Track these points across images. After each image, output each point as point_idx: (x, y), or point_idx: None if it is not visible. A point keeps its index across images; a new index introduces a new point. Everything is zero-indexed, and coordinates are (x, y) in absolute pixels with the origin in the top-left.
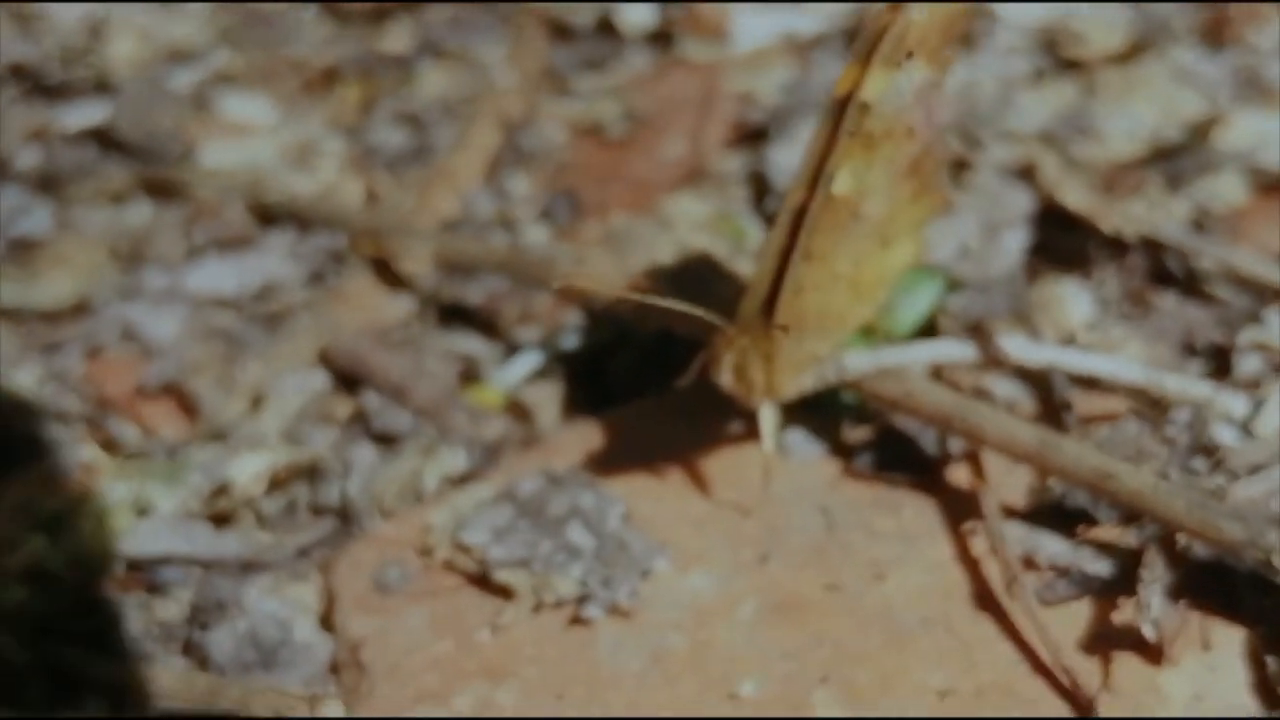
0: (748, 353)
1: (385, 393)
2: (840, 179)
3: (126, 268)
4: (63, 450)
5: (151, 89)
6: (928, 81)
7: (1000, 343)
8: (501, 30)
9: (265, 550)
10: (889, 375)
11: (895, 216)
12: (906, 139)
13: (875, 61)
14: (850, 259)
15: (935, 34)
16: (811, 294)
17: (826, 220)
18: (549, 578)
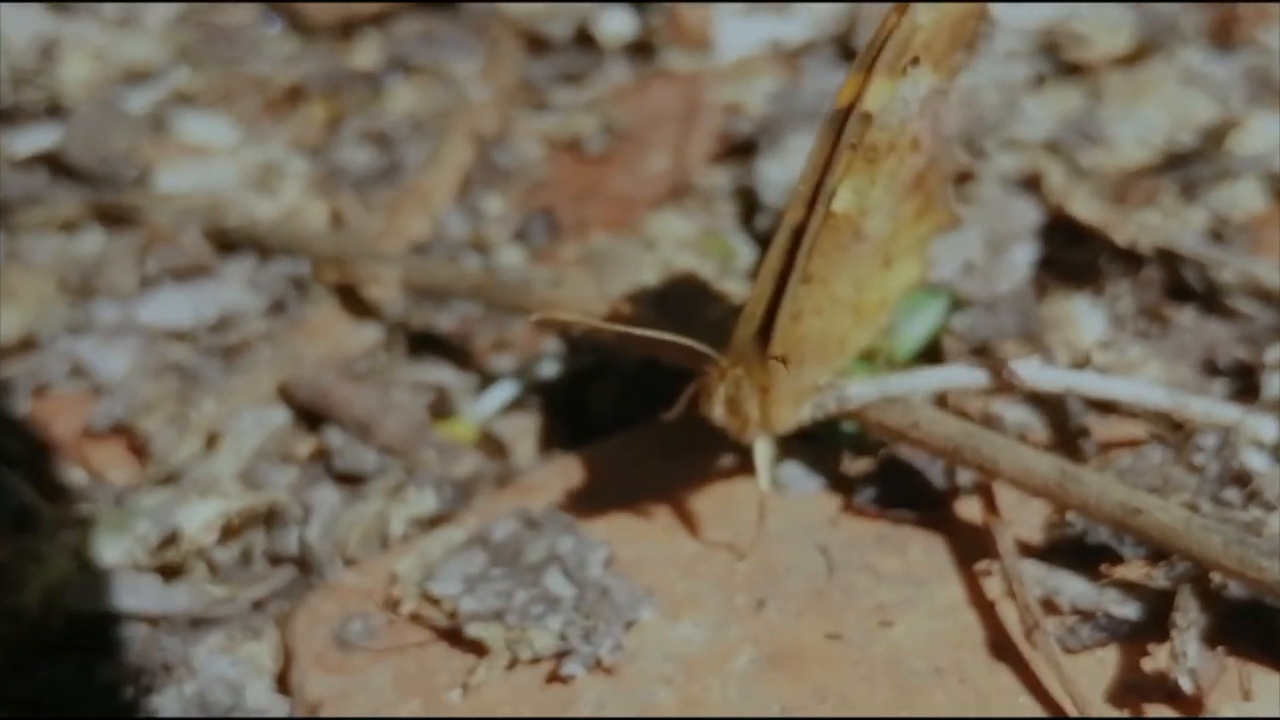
0: (742, 384)
1: (349, 429)
2: (841, 196)
3: (76, 300)
4: (2, 496)
5: (105, 111)
6: (934, 90)
7: (1012, 366)
8: (475, 44)
9: (217, 604)
10: (894, 404)
11: (899, 235)
12: (911, 152)
13: (879, 69)
14: (851, 281)
15: (942, 38)
16: (810, 319)
17: (826, 240)
18: (525, 631)
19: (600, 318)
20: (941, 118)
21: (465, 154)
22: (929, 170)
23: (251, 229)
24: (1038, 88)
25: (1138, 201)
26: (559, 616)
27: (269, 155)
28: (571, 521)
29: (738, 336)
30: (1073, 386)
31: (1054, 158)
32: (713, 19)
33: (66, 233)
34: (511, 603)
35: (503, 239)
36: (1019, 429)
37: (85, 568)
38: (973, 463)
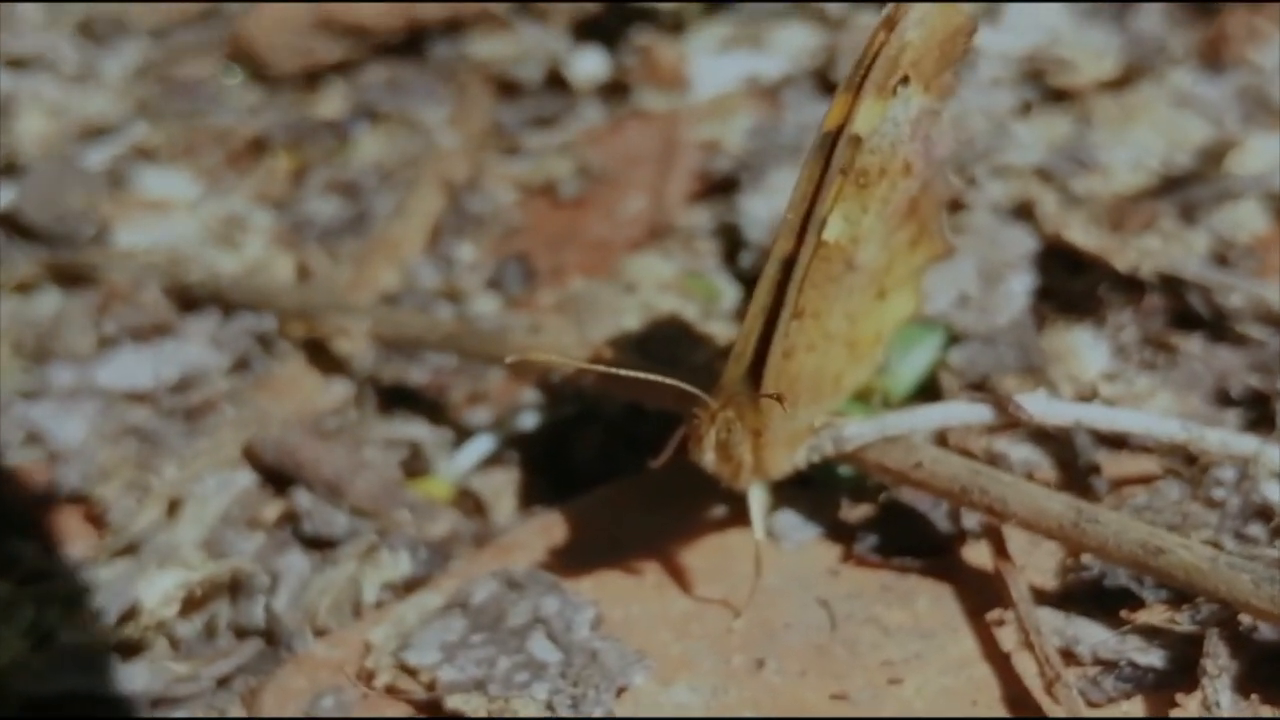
0: (733, 427)
1: (318, 491)
2: (833, 224)
3: (31, 364)
4: None
5: (61, 168)
6: (925, 111)
7: (1018, 400)
8: (443, 90)
9: (179, 683)
10: (895, 444)
11: (893, 265)
12: (903, 176)
13: (867, 89)
14: (844, 314)
15: (931, 56)
16: (803, 356)
17: (818, 272)
18: (509, 701)
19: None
20: (934, 140)
21: (435, 202)
22: (922, 196)
23: (214, 284)
24: (1025, 115)
25: (1136, 227)
26: (545, 684)
27: (232, 208)
28: (555, 581)
29: (727, 377)
30: (1082, 420)
31: (1046, 185)
32: (688, 57)
33: (21, 294)
34: (494, 671)
35: (476, 287)
36: (1025, 467)
37: (40, 647)
38: (980, 504)
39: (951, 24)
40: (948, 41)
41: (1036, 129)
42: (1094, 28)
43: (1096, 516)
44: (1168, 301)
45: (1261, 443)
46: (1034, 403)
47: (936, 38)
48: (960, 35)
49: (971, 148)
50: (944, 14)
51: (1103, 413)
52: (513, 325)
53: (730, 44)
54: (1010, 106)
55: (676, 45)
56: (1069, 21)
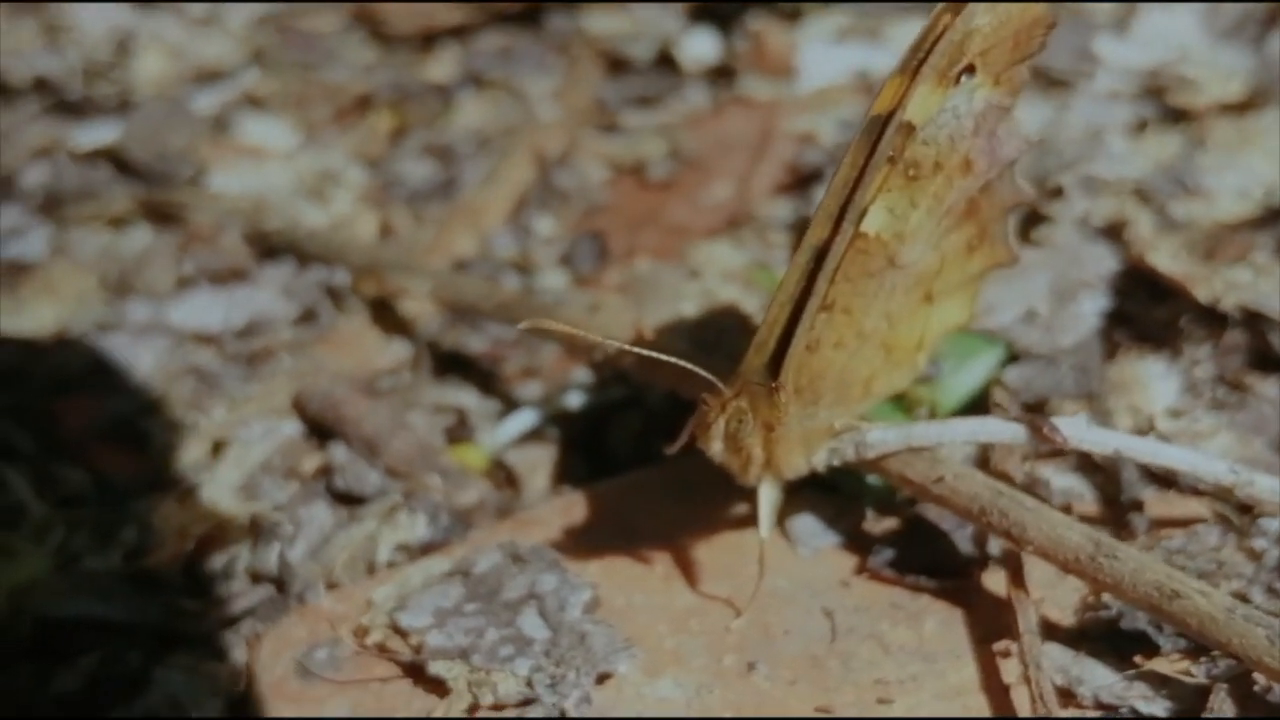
0: (744, 418)
1: (356, 447)
2: (874, 216)
3: (113, 297)
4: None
5: (168, 108)
6: (992, 105)
7: (1056, 423)
8: (554, 62)
9: (189, 619)
10: (919, 456)
11: (945, 268)
12: (962, 174)
13: (925, 74)
14: (883, 314)
15: (1004, 46)
16: (829, 353)
17: (854, 265)
18: (490, 674)
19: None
20: (1001, 139)
21: (525, 173)
22: (984, 198)
23: (291, 234)
24: (1138, 131)
25: (1229, 257)
26: (528, 660)
27: (327, 162)
28: (558, 559)
29: (746, 365)
30: (1122, 451)
31: (1144, 205)
32: (798, 46)
33: (115, 229)
34: (481, 641)
35: (549, 261)
36: (1066, 497)
37: (62, 570)
38: (999, 527)
39: (1029, 14)
40: (1023, 33)
41: (1145, 146)
42: (1227, 48)
43: (1115, 552)
44: (1249, 339)
45: None
46: (1072, 428)
47: (1010, 27)
48: (1037, 27)
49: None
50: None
51: (1146, 446)
52: (570, 301)
53: (845, 35)
54: (1124, 121)
55: (789, 33)
56: (1203, 39)
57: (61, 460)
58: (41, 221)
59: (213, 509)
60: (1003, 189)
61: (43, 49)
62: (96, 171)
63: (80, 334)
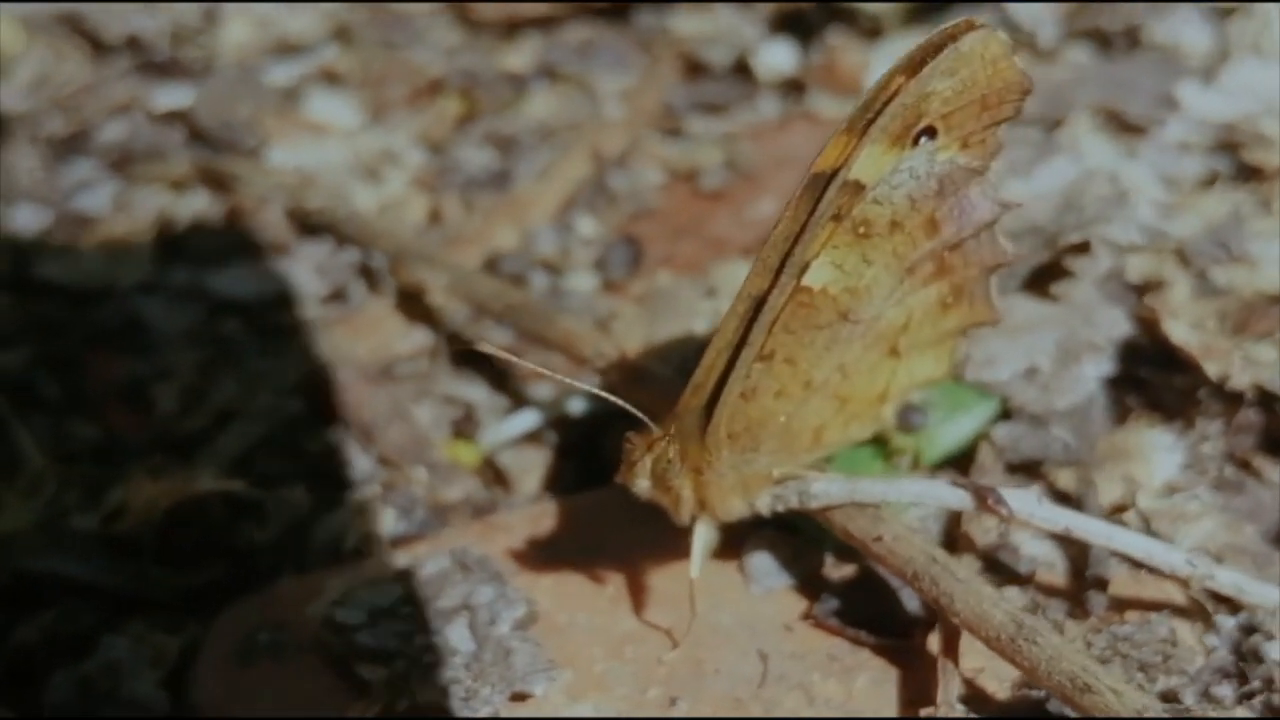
0: (671, 459)
1: (352, 432)
2: (818, 270)
3: (161, 258)
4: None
5: (241, 78)
6: (959, 168)
7: (1003, 494)
8: (634, 60)
9: (152, 586)
10: (862, 511)
11: (914, 324)
12: (927, 234)
13: (873, 135)
14: (834, 366)
15: (970, 110)
16: (769, 401)
17: (796, 318)
18: (409, 680)
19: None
20: (972, 201)
21: (581, 170)
22: (956, 257)
23: (331, 214)
24: (1205, 186)
25: (1258, 331)
26: (446, 671)
27: (388, 143)
28: (501, 571)
29: (682, 405)
30: (1073, 530)
31: (1183, 267)
32: (871, 65)
33: (175, 191)
34: (407, 646)
35: (584, 263)
36: (1034, 564)
37: (45, 526)
38: (929, 594)
39: (1000, 79)
40: (992, 97)
41: (1202, 203)
42: None
43: (1036, 636)
44: (1265, 420)
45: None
46: (1021, 501)
47: (976, 92)
48: (1009, 92)
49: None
50: (991, 68)
51: (1099, 528)
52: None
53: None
54: (1193, 174)
55: (864, 51)
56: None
57: (78, 415)
58: (111, 177)
59: (185, 482)
60: (981, 249)
61: (138, 8)
62: (169, 133)
63: (124, 292)
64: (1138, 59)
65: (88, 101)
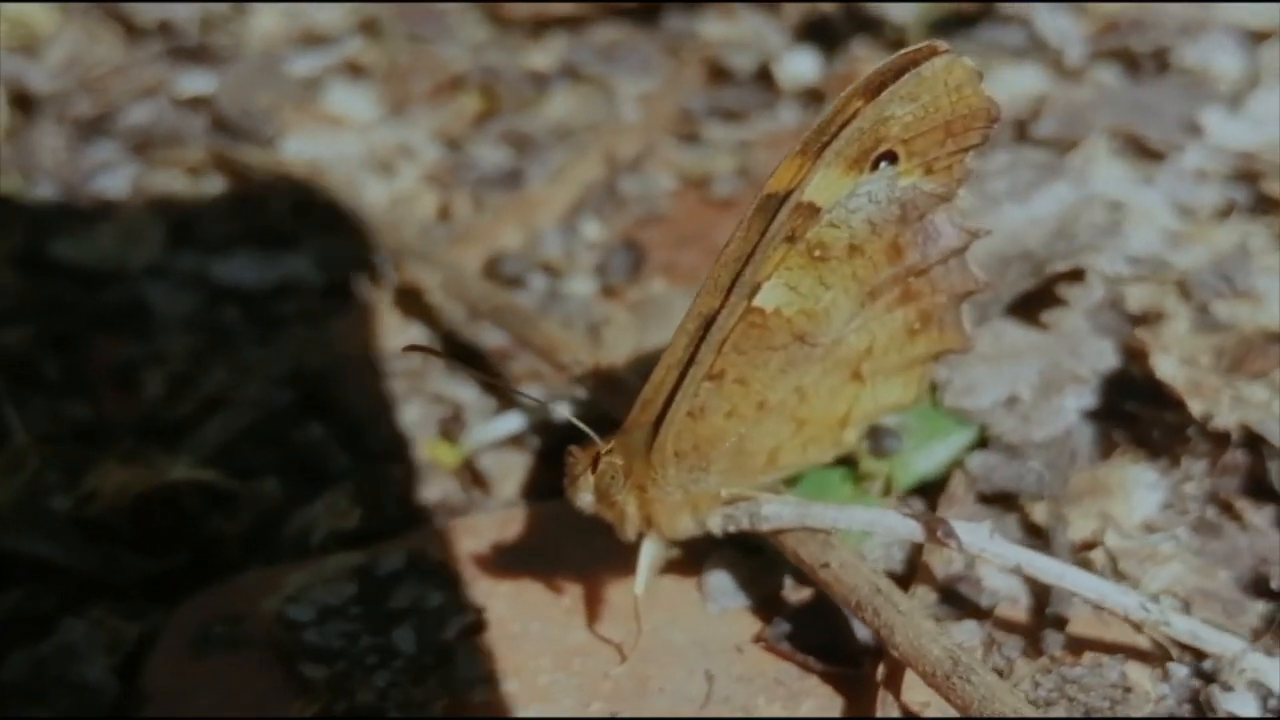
0: (615, 475)
1: (335, 426)
2: (770, 292)
3: (171, 243)
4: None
5: (262, 67)
6: (923, 193)
7: (955, 527)
8: (659, 62)
9: (119, 570)
10: (813, 537)
11: (878, 349)
12: (889, 259)
13: (829, 159)
14: (790, 389)
15: (934, 136)
16: (719, 421)
17: (747, 338)
18: (349, 681)
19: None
20: (938, 227)
21: (594, 173)
22: (923, 284)
23: (336, 207)
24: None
25: (1252, 370)
26: (387, 674)
27: (404, 138)
28: (456, 576)
29: (631, 420)
30: (1024, 567)
31: (1184, 299)
32: None
33: (191, 177)
34: (352, 647)
35: (586, 267)
36: (995, 598)
37: (23, 504)
38: (871, 624)
39: (965, 105)
40: (957, 124)
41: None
42: None
43: (970, 675)
44: (1252, 463)
45: (1248, 647)
46: (972, 535)
47: (939, 118)
48: (975, 119)
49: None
50: (956, 94)
51: (1050, 566)
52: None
53: None
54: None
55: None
56: None
57: (73, 396)
58: (131, 159)
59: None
60: (950, 276)
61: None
62: (191, 118)
63: (132, 274)
64: (1165, 82)
65: (115, 84)
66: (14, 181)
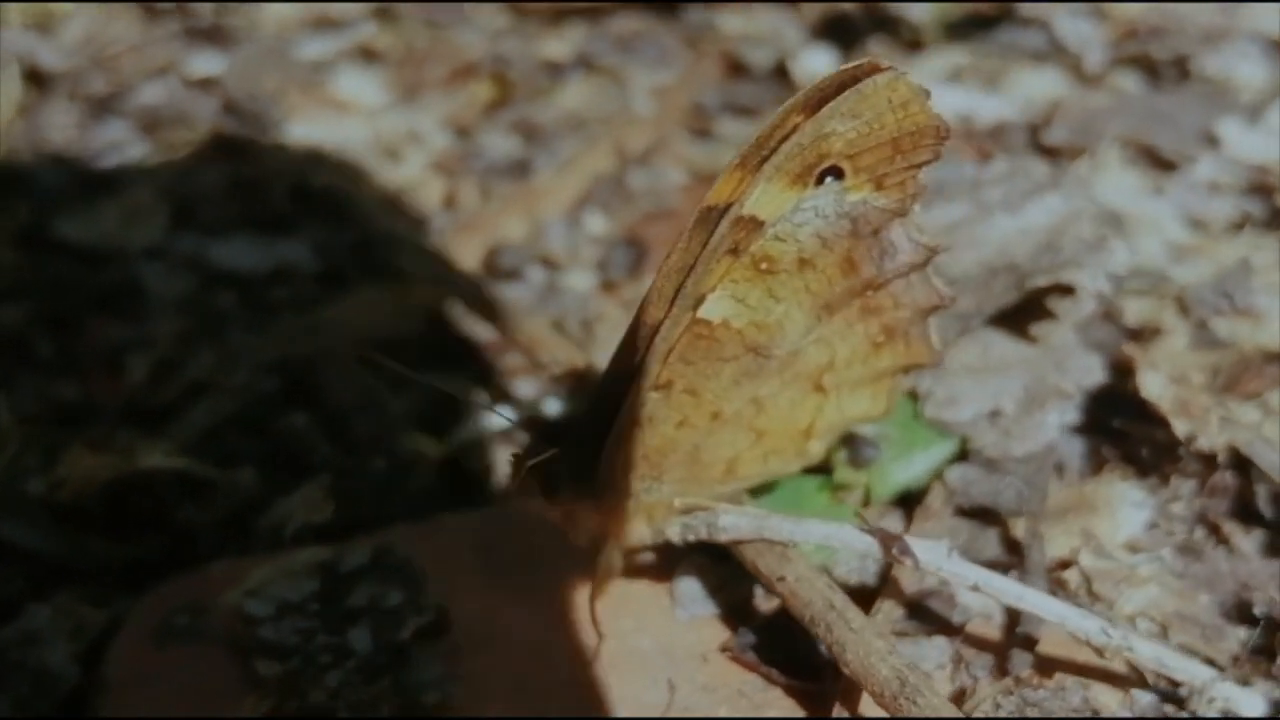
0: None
1: (319, 416)
2: (716, 303)
3: (171, 225)
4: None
5: (272, 50)
6: (874, 208)
7: (911, 546)
8: (676, 55)
9: (89, 556)
10: (771, 549)
11: (840, 362)
12: (843, 273)
13: (770, 173)
14: (746, 400)
15: (881, 152)
16: (669, 430)
17: (695, 349)
18: (302, 680)
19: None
20: (893, 242)
21: (602, 165)
22: (883, 299)
23: (334, 193)
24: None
25: (1246, 391)
26: (339, 674)
27: (413, 124)
28: (421, 574)
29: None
30: (983, 586)
31: (1183, 315)
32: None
33: (196, 159)
34: (308, 645)
35: (587, 261)
36: (967, 615)
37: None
38: (825, 640)
39: (912, 123)
40: (905, 140)
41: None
42: None
43: (917, 696)
44: (1241, 485)
45: (1216, 675)
46: (930, 553)
47: (885, 134)
48: (924, 136)
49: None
50: (901, 111)
51: (1009, 587)
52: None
53: (960, 75)
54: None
55: (904, 63)
56: None
57: (65, 376)
58: (140, 139)
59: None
60: (912, 290)
61: None
62: (200, 99)
63: (131, 255)
64: (1184, 91)
65: (129, 63)
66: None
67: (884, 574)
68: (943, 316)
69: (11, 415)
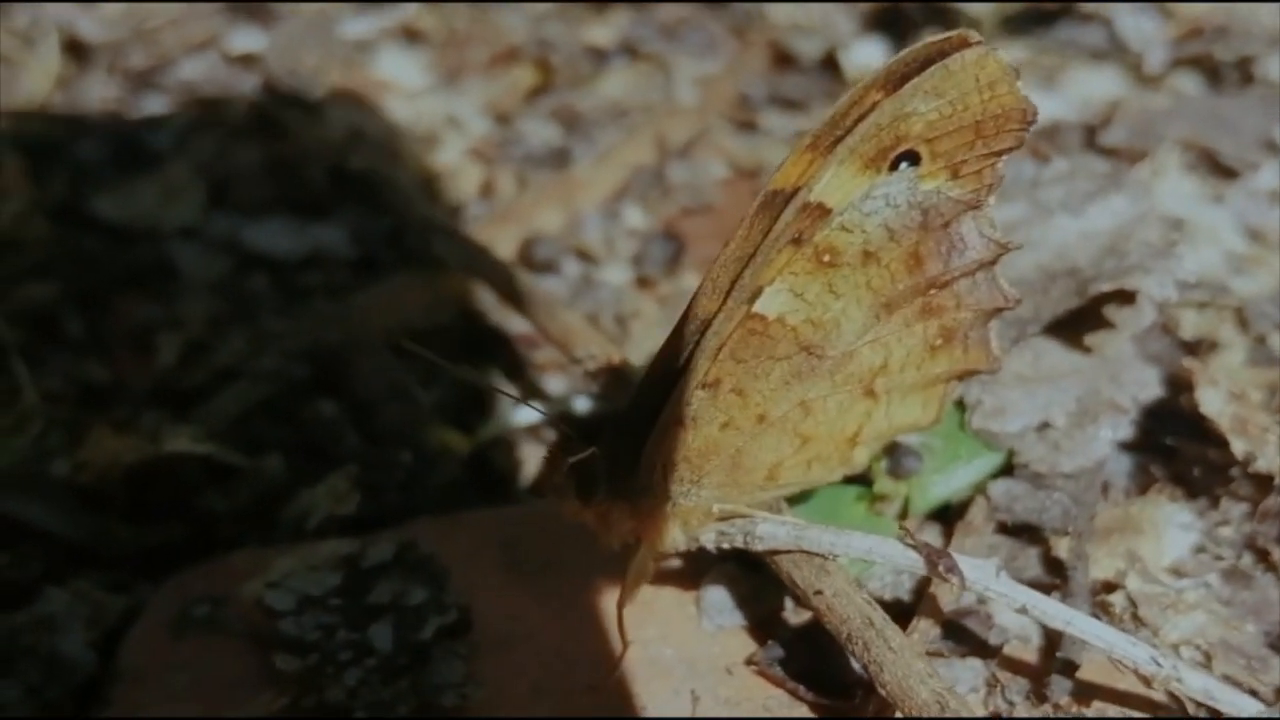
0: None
1: (348, 406)
2: (773, 297)
3: (207, 204)
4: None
5: (314, 27)
6: (948, 199)
7: (959, 564)
8: (723, 44)
9: (110, 541)
10: (809, 561)
11: (894, 365)
12: (907, 269)
13: (841, 155)
14: (794, 402)
15: (961, 136)
16: (714, 432)
17: (746, 347)
18: (320, 677)
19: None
20: (963, 237)
21: (642, 157)
22: (945, 298)
23: (372, 178)
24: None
25: None
26: (358, 672)
27: (453, 109)
28: (444, 572)
29: (622, 424)
30: (1031, 609)
31: (1241, 329)
32: None
33: (234, 137)
34: (328, 641)
35: (624, 254)
36: (1005, 636)
37: (23, 466)
38: (861, 659)
39: (998, 104)
40: (987, 125)
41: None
42: None
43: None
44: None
45: (1265, 710)
46: (978, 572)
47: (969, 117)
48: (1008, 120)
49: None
50: (987, 91)
51: (1059, 611)
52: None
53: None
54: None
55: None
56: None
57: (94, 356)
58: (179, 115)
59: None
60: (976, 291)
61: None
62: (241, 76)
63: (165, 234)
64: (1247, 95)
65: (170, 36)
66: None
67: (919, 590)
68: (999, 321)
69: (37, 393)
